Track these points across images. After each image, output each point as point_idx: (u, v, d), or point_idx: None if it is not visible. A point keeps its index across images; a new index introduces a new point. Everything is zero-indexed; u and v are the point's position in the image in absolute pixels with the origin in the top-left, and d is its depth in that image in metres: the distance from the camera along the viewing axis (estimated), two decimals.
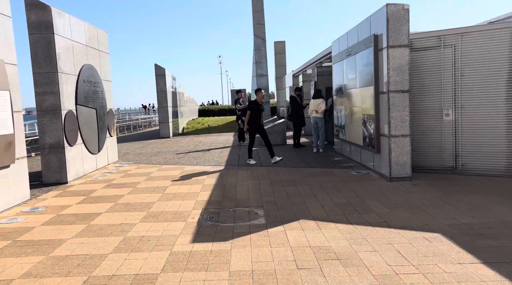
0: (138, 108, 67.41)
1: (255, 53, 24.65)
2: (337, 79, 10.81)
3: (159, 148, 15.42)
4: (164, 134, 20.62)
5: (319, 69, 14.25)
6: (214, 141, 17.01)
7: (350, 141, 9.79)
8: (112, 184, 8.54)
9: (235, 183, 8.13)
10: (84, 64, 10.00)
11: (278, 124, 14.52)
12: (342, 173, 8.55)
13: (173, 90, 22.45)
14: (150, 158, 12.69)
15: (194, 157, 12.27)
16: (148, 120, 35.49)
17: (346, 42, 9.93)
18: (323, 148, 11.97)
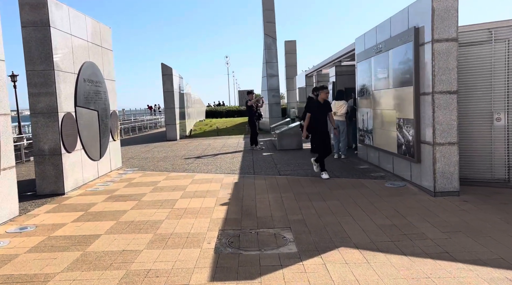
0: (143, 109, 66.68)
1: (265, 52, 23.69)
2: (363, 79, 9.82)
3: (166, 152, 14.49)
4: (171, 136, 19.71)
5: (338, 69, 13.26)
6: (224, 145, 16.06)
7: (379, 147, 8.79)
8: (114, 196, 7.60)
9: (253, 195, 7.16)
10: (85, 61, 9.08)
11: (294, 127, 13.53)
12: (374, 184, 7.55)
13: (180, 91, 21.54)
14: (157, 163, 11.76)
15: (204, 163, 11.32)
16: (154, 121, 34.63)
17: (374, 38, 8.94)
18: (345, 153, 10.97)
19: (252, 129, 14.08)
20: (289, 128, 13.59)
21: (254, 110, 13.88)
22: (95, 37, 9.90)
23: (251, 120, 14.04)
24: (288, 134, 13.44)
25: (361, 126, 10.15)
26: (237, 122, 27.61)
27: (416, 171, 7.01)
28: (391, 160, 8.21)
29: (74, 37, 8.65)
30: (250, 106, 13.88)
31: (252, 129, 14.05)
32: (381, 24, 8.51)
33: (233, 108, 35.60)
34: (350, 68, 13.28)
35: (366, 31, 9.71)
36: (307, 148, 13.59)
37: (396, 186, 7.29)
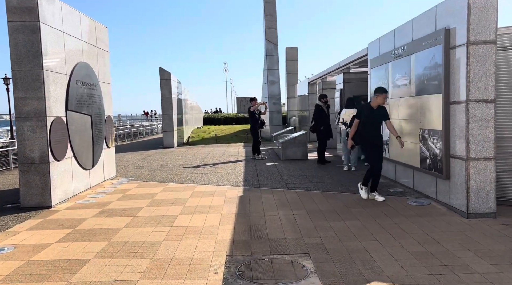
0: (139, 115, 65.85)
1: (266, 59, 23.08)
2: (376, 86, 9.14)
3: (163, 160, 13.74)
4: (168, 144, 18.96)
5: (346, 76, 12.61)
6: (224, 154, 15.33)
7: (396, 160, 8.11)
8: (106, 210, 6.85)
9: (261, 212, 6.43)
10: (78, 62, 8.37)
11: (299, 136, 12.84)
12: (395, 202, 6.84)
13: (178, 96, 20.84)
14: (153, 172, 11.01)
15: (205, 173, 10.58)
16: (150, 127, 33.86)
17: (391, 42, 8.29)
18: (356, 165, 10.28)
19: (254, 137, 13.38)
20: (293, 137, 12.89)
21: (256, 117, 13.20)
22: (90, 37, 9.20)
23: (253, 128, 13.35)
24: (293, 143, 12.75)
25: None
26: (236, 129, 26.92)
27: (443, 187, 6.31)
28: (411, 174, 7.52)
29: (67, 35, 7.94)
30: (253, 113, 13.19)
31: (254, 138, 13.35)
32: (401, 27, 7.87)
33: (231, 115, 34.90)
34: (359, 75, 12.65)
35: (381, 35, 9.07)
36: (312, 158, 12.90)
37: (420, 204, 6.58)
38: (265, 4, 23.74)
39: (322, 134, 11.46)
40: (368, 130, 6.90)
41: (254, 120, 13.22)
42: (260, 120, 13.35)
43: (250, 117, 13.37)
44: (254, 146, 13.38)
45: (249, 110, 13.32)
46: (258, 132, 13.27)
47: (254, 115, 13.19)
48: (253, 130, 13.34)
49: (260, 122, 13.29)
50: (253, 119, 13.23)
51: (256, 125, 13.24)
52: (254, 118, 13.21)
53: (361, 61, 11.69)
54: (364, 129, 6.92)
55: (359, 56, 11.05)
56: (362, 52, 10.69)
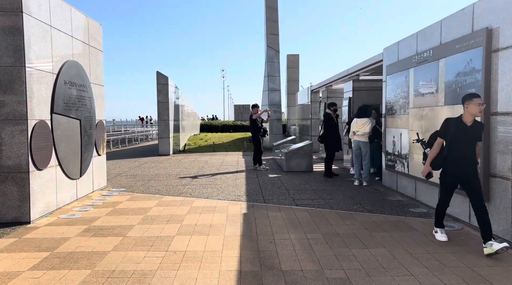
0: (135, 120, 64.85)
1: (267, 65, 22.38)
2: (394, 95, 8.41)
3: (158, 169, 12.89)
4: (163, 151, 18.11)
5: (355, 84, 11.86)
6: (222, 163, 14.50)
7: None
8: (93, 228, 5.99)
9: (270, 235, 5.60)
10: (67, 60, 7.56)
11: (305, 146, 12.05)
12: (422, 225, 6.04)
13: (175, 102, 20.04)
14: (148, 183, 10.15)
15: (203, 185, 9.75)
16: (146, 134, 32.96)
17: (413, 47, 7.56)
18: (368, 180, 9.48)
19: (255, 146, 12.57)
20: (298, 147, 12.09)
21: (258, 125, 12.40)
22: (82, 33, 8.40)
23: (254, 137, 12.55)
24: (298, 154, 11.95)
25: (390, 149, 8.69)
26: (234, 137, 26.11)
27: None
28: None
29: (55, 29, 7.14)
30: (254, 120, 12.40)
31: (256, 147, 12.54)
32: (425, 30, 7.13)
33: (229, 122, 34.11)
34: (369, 84, 11.92)
35: (399, 40, 8.34)
36: (318, 170, 12.10)
37: (451, 228, 5.78)
38: (267, 9, 23.11)
39: (331, 145, 10.68)
40: (457, 153, 4.92)
41: (255, 128, 12.43)
42: (262, 128, 12.56)
43: (251, 125, 12.57)
44: (255, 155, 12.57)
45: (251, 118, 12.54)
46: (260, 141, 12.48)
47: (256, 123, 12.40)
48: (254, 139, 12.55)
49: (262, 130, 12.50)
50: (255, 127, 12.44)
51: (258, 133, 12.45)
52: (256, 126, 12.43)
53: (372, 68, 10.97)
54: (452, 153, 4.95)
55: (372, 63, 10.31)
56: (376, 58, 9.95)
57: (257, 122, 12.37)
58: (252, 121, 12.44)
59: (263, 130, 12.59)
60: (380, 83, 11.85)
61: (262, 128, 12.54)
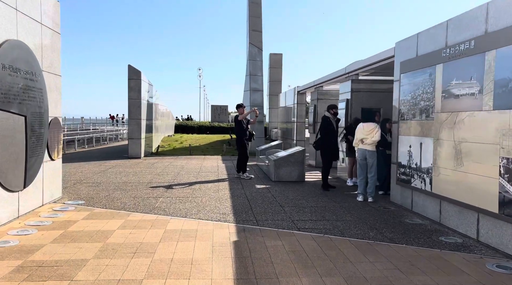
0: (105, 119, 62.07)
1: (250, 63, 20.94)
2: (411, 96, 7.09)
3: (126, 175, 11.20)
4: (134, 153, 16.35)
5: (355, 85, 10.53)
6: (201, 169, 12.91)
7: (445, 196, 6.00)
8: (28, 266, 4.35)
9: (274, 278, 4.11)
10: (7, 39, 5.87)
11: (296, 153, 10.62)
12: (468, 264, 4.66)
13: (148, 100, 18.30)
14: (112, 193, 8.50)
15: (180, 198, 8.17)
16: (116, 133, 30.92)
17: (441, 38, 6.24)
18: (373, 195, 8.14)
19: (240, 152, 11.06)
20: (289, 154, 10.66)
21: (244, 128, 10.91)
22: (32, 8, 6.71)
23: (239, 141, 11.04)
24: (288, 162, 10.52)
25: (403, 161, 7.36)
26: (212, 140, 24.49)
27: None
28: (474, 219, 5.41)
29: None
30: (240, 122, 10.91)
31: (241, 152, 11.03)
32: (460, 18, 5.83)
33: (205, 123, 32.39)
34: (369, 85, 10.62)
35: (419, 32, 7.03)
36: (310, 180, 10.70)
37: (508, 271, 4.43)
38: (250, 4, 21.67)
39: (328, 152, 9.30)
40: None
41: (241, 131, 10.93)
42: (249, 131, 11.08)
43: (236, 128, 11.05)
44: (239, 162, 11.05)
45: (236, 119, 11.02)
46: (246, 146, 10.98)
47: (242, 125, 10.90)
48: (239, 144, 11.04)
49: (248, 133, 11.02)
50: (241, 130, 10.94)
51: (244, 137, 10.95)
52: (242, 128, 10.93)
53: (375, 67, 9.65)
54: None
55: (378, 60, 8.98)
56: (383, 55, 8.62)
57: (243, 124, 10.89)
58: (238, 123, 10.95)
59: (250, 133, 11.11)
60: (381, 84, 10.59)
61: (248, 131, 11.07)
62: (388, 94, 10.66)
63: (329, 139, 9.21)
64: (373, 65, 9.36)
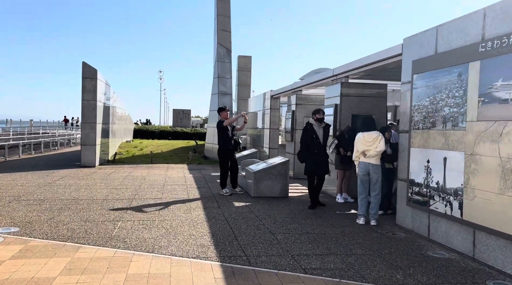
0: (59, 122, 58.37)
1: (218, 65, 19.49)
2: (429, 100, 5.92)
3: (77, 189, 9.44)
4: (87, 161, 14.43)
5: (345, 89, 9.34)
6: (166, 181, 11.29)
7: (483, 225, 4.82)
8: None
9: None
10: None
11: (279, 164, 9.26)
12: None
13: (105, 102, 16.43)
14: (58, 216, 6.80)
15: (144, 221, 6.60)
16: (68, 137, 28.45)
17: (476, 30, 5.11)
18: (377, 218, 6.91)
19: (222, 164, 9.41)
20: (270, 166, 9.28)
21: (229, 135, 9.36)
22: None
23: (223, 151, 9.36)
24: (270, 175, 9.15)
25: (418, 178, 6.16)
26: (175, 146, 22.72)
27: None
28: None
29: None
30: (224, 129, 9.33)
31: (223, 165, 9.41)
32: (506, 2, 4.69)
33: (167, 128, 30.46)
34: (360, 89, 9.46)
35: (438, 25, 5.89)
36: (294, 196, 9.38)
37: None
38: (218, 2, 20.24)
39: (311, 165, 8.02)
40: None
41: (223, 139, 9.34)
42: (234, 139, 9.60)
43: (219, 135, 9.42)
44: (223, 175, 9.43)
45: (219, 125, 9.41)
46: (228, 157, 9.40)
47: (226, 132, 9.33)
48: (222, 154, 9.42)
49: (234, 142, 9.53)
50: (223, 137, 9.34)
51: (227, 146, 9.36)
52: (226, 136, 9.32)
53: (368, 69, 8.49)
54: None
55: (378, 59, 7.79)
56: (387, 53, 7.43)
57: (227, 131, 9.34)
58: (221, 130, 9.32)
59: (235, 142, 9.62)
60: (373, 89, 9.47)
61: (234, 139, 9.58)
62: (380, 99, 9.58)
63: (318, 149, 7.94)
64: (371, 66, 8.19)
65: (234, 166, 9.54)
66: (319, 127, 8.06)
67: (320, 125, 8.08)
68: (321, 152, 8.07)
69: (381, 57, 7.64)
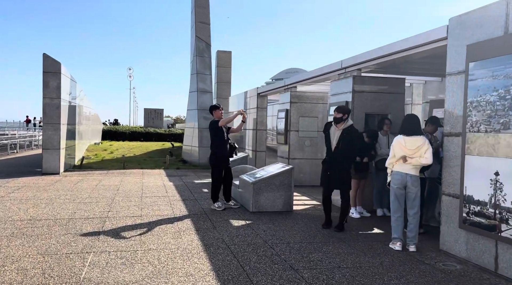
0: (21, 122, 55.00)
1: (196, 60, 17.89)
2: (497, 96, 4.63)
3: (36, 205, 7.71)
4: (50, 168, 12.56)
5: (358, 85, 8.01)
6: (143, 190, 9.64)
7: None
8: None
9: None
10: None
11: (282, 173, 7.82)
12: None
13: (71, 100, 14.55)
14: (5, 250, 5.13)
15: (122, 252, 5.01)
16: (30, 139, 26.10)
17: None
18: (416, 242, 5.58)
19: (214, 174, 7.88)
20: (271, 175, 7.82)
21: (224, 138, 7.84)
22: None
23: (216, 157, 7.83)
24: (271, 185, 7.71)
25: (478, 194, 4.85)
26: (149, 148, 20.93)
27: None
28: None
29: None
30: (218, 130, 7.80)
31: (214, 173, 7.88)
32: None
33: (138, 129, 28.46)
34: (375, 84, 8.16)
35: None
36: (299, 209, 7.97)
37: None
38: None
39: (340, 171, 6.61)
40: None
41: (218, 143, 7.81)
42: (230, 143, 8.10)
43: (212, 138, 7.90)
44: (212, 187, 7.92)
45: (213, 126, 7.84)
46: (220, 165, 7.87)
47: (220, 134, 7.81)
48: (216, 162, 7.84)
49: (229, 146, 8.03)
50: (217, 141, 7.79)
51: (221, 152, 7.83)
52: (220, 139, 7.81)
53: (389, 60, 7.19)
54: None
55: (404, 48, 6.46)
56: (423, 37, 6.10)
57: (223, 133, 7.82)
58: (215, 130, 7.79)
59: (231, 146, 8.12)
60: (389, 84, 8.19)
61: (229, 143, 8.08)
62: (397, 96, 8.32)
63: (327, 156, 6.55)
64: (392, 57, 6.87)
65: (229, 176, 8.05)
66: (337, 129, 6.56)
67: (339, 126, 6.56)
68: (333, 159, 6.57)
69: (413, 44, 6.31)
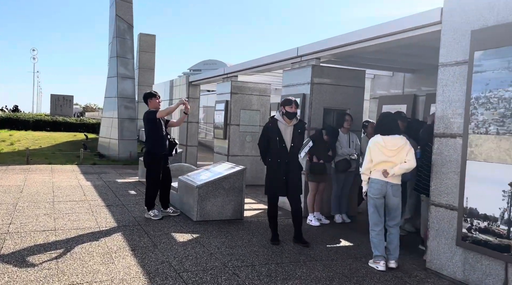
0: None
1: (116, 42, 15.95)
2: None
3: None
4: None
5: (316, 76, 7.11)
6: (54, 193, 7.86)
7: None
8: None
9: None
10: None
11: (232, 175, 6.64)
12: None
13: None
14: None
15: None
16: None
17: None
18: (397, 257, 4.81)
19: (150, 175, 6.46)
20: (219, 177, 6.61)
21: (161, 133, 6.44)
22: None
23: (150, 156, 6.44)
24: (219, 189, 6.52)
25: (483, 207, 4.13)
26: (58, 140, 18.39)
27: None
28: None
29: None
30: (155, 121, 6.37)
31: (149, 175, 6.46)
32: None
33: (45, 117, 25.17)
34: (335, 76, 7.32)
35: None
36: (249, 216, 6.88)
37: None
38: None
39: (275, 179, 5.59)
40: None
41: (155, 138, 6.40)
42: (170, 139, 6.71)
43: (147, 133, 6.45)
44: (146, 191, 6.49)
45: (149, 116, 6.40)
46: (158, 164, 6.48)
47: (158, 128, 6.41)
48: (152, 161, 6.44)
49: (168, 142, 6.63)
50: (154, 136, 6.40)
51: (160, 149, 6.43)
52: (157, 134, 6.41)
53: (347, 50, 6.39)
54: None
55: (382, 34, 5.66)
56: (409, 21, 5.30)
57: (160, 126, 6.42)
58: (151, 125, 6.39)
59: (170, 142, 6.73)
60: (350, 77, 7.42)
61: (169, 139, 6.69)
62: (357, 90, 7.58)
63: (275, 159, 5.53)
64: (361, 44, 6.04)
65: (167, 178, 6.70)
66: (288, 126, 5.55)
67: (289, 122, 5.56)
68: (289, 161, 5.56)
69: (395, 29, 5.50)
